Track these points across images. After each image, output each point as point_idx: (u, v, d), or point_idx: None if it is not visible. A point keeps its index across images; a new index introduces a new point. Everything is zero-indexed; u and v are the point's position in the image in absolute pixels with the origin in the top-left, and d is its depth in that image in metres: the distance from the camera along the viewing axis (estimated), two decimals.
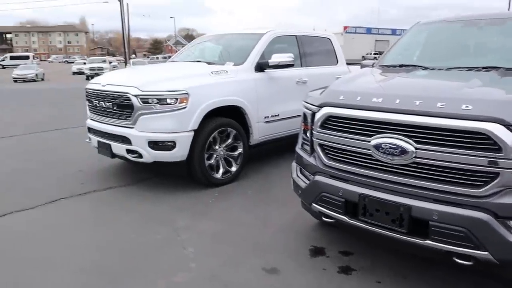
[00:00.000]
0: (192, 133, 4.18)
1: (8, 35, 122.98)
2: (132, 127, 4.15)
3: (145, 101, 4.04)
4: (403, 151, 2.22)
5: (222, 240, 3.31)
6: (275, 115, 5.13)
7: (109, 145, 4.40)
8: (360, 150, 2.45)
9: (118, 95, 4.19)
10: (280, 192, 4.40)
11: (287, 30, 5.62)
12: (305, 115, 2.97)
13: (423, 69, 3.16)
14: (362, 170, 2.47)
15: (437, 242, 2.14)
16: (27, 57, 49.72)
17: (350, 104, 2.55)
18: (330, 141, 2.63)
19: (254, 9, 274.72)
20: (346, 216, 2.52)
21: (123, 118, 4.23)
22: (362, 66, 4.23)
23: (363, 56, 33.47)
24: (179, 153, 4.14)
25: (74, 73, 38.01)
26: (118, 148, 4.32)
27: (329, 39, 6.38)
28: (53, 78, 32.70)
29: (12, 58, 53.15)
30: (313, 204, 2.75)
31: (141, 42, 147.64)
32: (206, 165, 4.39)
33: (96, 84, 4.60)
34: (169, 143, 4.09)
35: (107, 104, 4.35)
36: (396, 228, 2.29)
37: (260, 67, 4.93)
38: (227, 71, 4.61)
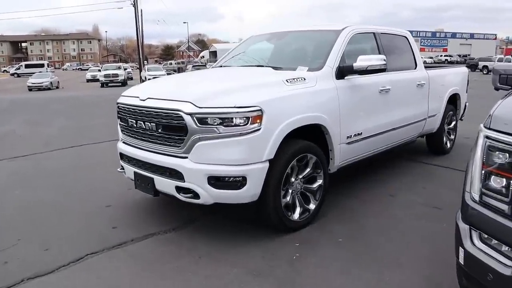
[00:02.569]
0: (267, 165, 3.04)
1: (24, 44, 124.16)
2: (185, 157, 3.03)
3: (203, 121, 2.92)
4: None
5: None
6: (358, 134, 3.97)
7: (151, 179, 3.28)
8: None
9: (165, 113, 3.08)
10: (380, 239, 3.25)
11: (365, 26, 4.46)
12: (493, 152, 1.82)
13: None
14: None
15: None
16: (41, 65, 49.33)
17: None
18: None
19: (264, 14, 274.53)
20: None
21: (171, 144, 3.11)
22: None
23: None
24: (250, 192, 3.01)
25: (88, 80, 37.49)
26: (164, 184, 3.20)
27: (406, 37, 5.22)
28: (67, 85, 32.08)
29: (27, 66, 52.83)
30: None
31: (153, 49, 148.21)
32: (283, 205, 3.25)
33: (132, 98, 3.49)
34: (237, 179, 2.96)
35: (149, 125, 3.24)
36: None
37: (341, 73, 3.78)
38: (304, 79, 3.47)
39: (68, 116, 12.20)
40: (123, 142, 3.73)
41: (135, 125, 3.40)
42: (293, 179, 3.34)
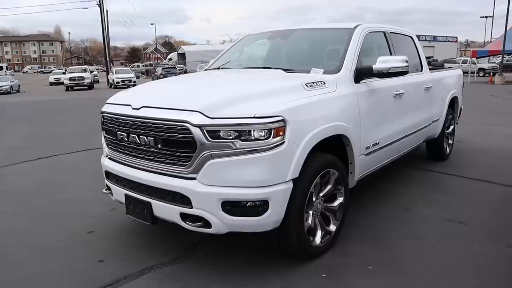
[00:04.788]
0: (291, 185, 2.56)
1: None
2: (193, 178, 2.51)
3: (216, 135, 2.41)
4: None
5: None
6: (376, 143, 3.57)
7: (148, 204, 2.73)
8: None
9: (167, 125, 2.54)
10: (414, 264, 2.84)
11: (375, 24, 4.06)
12: None
13: None
14: None
15: None
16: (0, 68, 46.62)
17: None
18: None
19: (232, 17, 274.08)
20: None
21: (175, 162, 2.58)
22: None
23: None
24: (273, 218, 2.52)
25: (52, 83, 35.75)
26: (165, 210, 2.66)
27: (412, 37, 4.89)
28: (29, 89, 30.36)
29: None
30: None
31: (118, 51, 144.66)
32: (306, 230, 2.78)
33: (122, 106, 2.92)
34: (257, 204, 2.46)
35: (145, 139, 2.68)
36: None
37: (359, 75, 3.37)
38: (324, 83, 3.02)
39: (32, 123, 11.26)
40: (110, 158, 3.15)
41: (126, 139, 2.83)
42: (314, 198, 2.89)
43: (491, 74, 27.67)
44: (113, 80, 30.38)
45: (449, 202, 4.15)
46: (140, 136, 2.71)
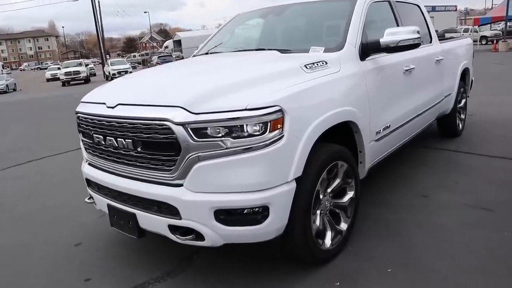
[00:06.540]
0: (294, 185, 2.21)
1: None
2: (179, 184, 2.15)
3: (202, 133, 2.05)
4: None
5: None
6: (387, 127, 3.19)
7: (133, 215, 2.38)
8: None
9: (146, 125, 2.18)
10: (440, 263, 2.49)
11: None
12: None
13: None
14: None
15: None
16: None
17: None
18: None
19: (228, 0, 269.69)
20: None
21: (158, 167, 2.22)
22: None
23: None
24: (275, 225, 2.17)
25: (48, 79, 35.30)
26: (152, 222, 2.32)
27: (419, 6, 4.46)
28: (26, 87, 29.94)
29: None
30: None
31: (114, 42, 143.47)
32: (314, 233, 2.44)
33: (97, 105, 2.54)
34: (256, 211, 2.11)
35: (123, 142, 2.32)
36: None
37: (365, 51, 2.97)
38: (326, 63, 2.62)
39: (26, 122, 10.93)
40: (89, 164, 2.80)
41: (103, 143, 2.47)
42: (321, 196, 2.53)
43: (495, 41, 26.91)
44: (109, 72, 29.87)
45: (469, 185, 3.79)
46: (118, 139, 2.35)
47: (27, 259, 3.04)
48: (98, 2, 35.50)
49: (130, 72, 28.89)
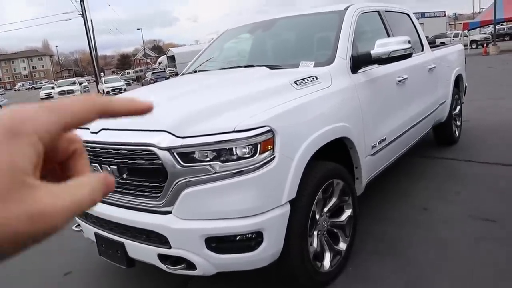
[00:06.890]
0: (289, 208, 2.11)
1: None
2: (168, 212, 2.05)
3: (190, 157, 1.95)
4: None
5: None
6: (382, 140, 3.11)
7: (121, 245, 2.27)
8: None
9: (130, 150, 2.08)
10: (449, 285, 2.38)
11: (368, 4, 3.59)
12: None
13: None
14: None
15: None
16: None
17: None
18: None
19: (220, 14, 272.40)
20: None
21: (145, 194, 2.12)
22: None
23: None
24: (269, 251, 2.06)
25: (42, 99, 35.22)
26: (141, 251, 2.21)
27: (408, 15, 4.42)
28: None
29: None
30: None
31: (108, 59, 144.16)
32: (311, 256, 2.33)
33: (81, 130, 2.45)
34: (249, 237, 2.01)
35: (109, 167, 2.22)
36: None
37: (356, 64, 2.90)
38: (316, 78, 2.55)
39: None
40: None
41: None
42: (317, 216, 2.43)
43: (485, 45, 27.13)
44: (103, 90, 29.87)
45: (469, 194, 3.70)
46: (102, 165, 2.25)
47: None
48: (91, 20, 35.62)
49: (125, 89, 28.96)
